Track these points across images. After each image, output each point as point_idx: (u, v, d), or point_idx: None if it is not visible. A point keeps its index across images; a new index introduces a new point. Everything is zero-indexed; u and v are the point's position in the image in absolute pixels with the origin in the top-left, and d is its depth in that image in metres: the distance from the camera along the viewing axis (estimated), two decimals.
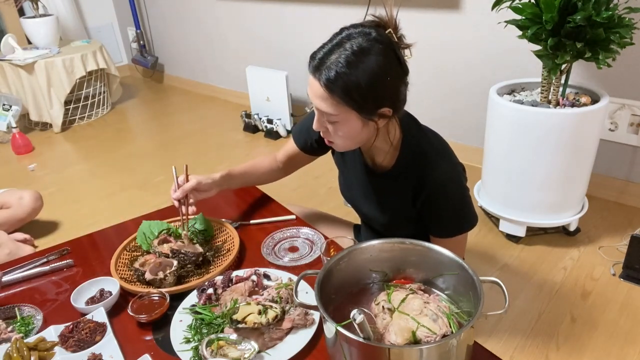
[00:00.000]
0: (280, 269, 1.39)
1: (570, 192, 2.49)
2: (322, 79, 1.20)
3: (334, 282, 1.07)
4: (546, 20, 2.12)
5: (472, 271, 0.99)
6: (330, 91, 1.20)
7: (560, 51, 2.17)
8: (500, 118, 2.44)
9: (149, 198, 3.41)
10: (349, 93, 1.19)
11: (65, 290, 1.39)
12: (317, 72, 1.21)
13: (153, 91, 5.85)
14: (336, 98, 1.21)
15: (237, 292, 1.26)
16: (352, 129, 1.27)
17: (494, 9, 2.28)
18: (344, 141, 1.32)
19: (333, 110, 1.23)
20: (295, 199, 3.15)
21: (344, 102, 1.21)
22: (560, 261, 2.50)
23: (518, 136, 2.38)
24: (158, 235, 1.52)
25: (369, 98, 1.21)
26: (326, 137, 1.35)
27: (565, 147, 2.32)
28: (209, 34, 5.15)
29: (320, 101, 1.23)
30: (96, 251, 1.57)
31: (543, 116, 2.29)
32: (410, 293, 1.06)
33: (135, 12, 5.67)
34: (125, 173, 3.85)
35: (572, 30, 2.11)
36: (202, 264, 1.43)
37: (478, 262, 2.52)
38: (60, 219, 3.21)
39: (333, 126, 1.28)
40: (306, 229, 1.58)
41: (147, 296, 1.27)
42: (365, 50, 1.18)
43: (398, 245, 1.11)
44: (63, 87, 4.57)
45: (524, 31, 2.25)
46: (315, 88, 1.23)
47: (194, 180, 1.52)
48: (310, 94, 1.26)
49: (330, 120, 1.27)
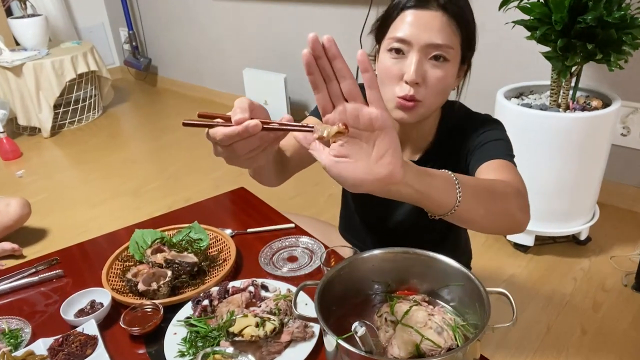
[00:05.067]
0: (278, 280, 1.39)
1: (581, 199, 2.49)
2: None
3: (335, 294, 1.07)
4: (556, 20, 2.13)
5: (478, 282, 0.99)
6: (449, 12, 1.18)
7: (570, 53, 2.18)
8: (508, 122, 2.42)
9: (142, 205, 3.42)
10: (464, 15, 1.19)
11: (55, 302, 1.38)
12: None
13: (146, 94, 5.86)
14: (453, 23, 1.19)
15: (233, 304, 1.26)
16: (451, 75, 1.24)
17: (501, 8, 2.29)
18: (435, 98, 1.26)
19: (450, 40, 1.19)
20: (294, 207, 3.15)
21: (458, 29, 1.20)
22: (570, 271, 2.50)
23: (526, 141, 2.38)
24: (151, 244, 1.52)
25: (473, 31, 1.22)
26: (416, 93, 1.23)
27: (576, 153, 2.33)
28: (204, 34, 5.17)
29: (433, 31, 1.18)
30: (87, 261, 1.57)
31: (552, 120, 2.29)
32: (414, 305, 1.06)
33: (127, 12, 5.69)
34: (117, 179, 3.86)
35: (583, 30, 2.11)
36: (197, 274, 1.43)
37: (485, 272, 2.52)
38: (50, 228, 3.22)
39: (436, 71, 1.21)
40: (305, 238, 1.58)
41: (140, 308, 1.28)
42: None
43: (401, 255, 1.11)
44: (52, 90, 4.59)
45: (533, 32, 2.26)
46: (426, 16, 1.19)
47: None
48: (411, 30, 1.19)
49: (441, 54, 1.20)
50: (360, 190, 0.80)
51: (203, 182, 3.68)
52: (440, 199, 0.90)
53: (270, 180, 1.35)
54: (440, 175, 0.91)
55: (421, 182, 0.85)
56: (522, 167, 2.38)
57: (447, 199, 0.91)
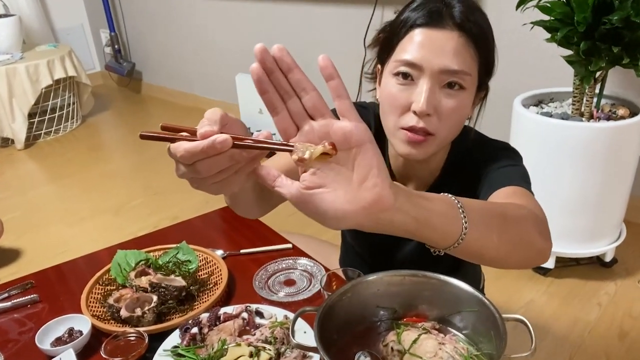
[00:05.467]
0: (274, 305, 1.39)
1: (606, 217, 2.50)
2: (455, 13, 1.13)
3: (336, 321, 1.07)
4: (578, 21, 2.13)
5: (493, 308, 0.99)
6: (466, 33, 1.13)
7: (594, 56, 2.18)
8: (526, 133, 2.46)
9: (125, 224, 3.42)
10: (483, 35, 1.16)
11: (30, 330, 1.39)
12: (442, 9, 1.14)
13: (129, 102, 5.88)
14: (471, 45, 1.14)
15: (225, 332, 1.26)
16: (466, 105, 1.19)
17: (518, 8, 2.30)
18: (448, 131, 1.20)
19: (467, 65, 1.14)
20: (292, 226, 3.14)
21: (476, 53, 1.15)
22: (595, 296, 2.50)
23: (546, 153, 2.39)
24: (135, 266, 1.52)
25: (493, 53, 1.19)
26: (428, 125, 1.16)
27: (600, 166, 2.33)
28: (193, 36, 5.19)
29: (448, 54, 1.12)
30: (65, 285, 1.58)
31: (575, 131, 2.30)
32: (423, 333, 1.06)
33: (109, 11, 5.71)
34: (97, 195, 3.86)
35: (608, 32, 2.12)
36: (185, 299, 1.43)
37: (500, 297, 2.52)
38: (24, 248, 3.22)
39: (449, 101, 1.15)
40: (304, 260, 1.59)
41: (122, 336, 1.28)
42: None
43: (409, 279, 1.11)
44: (27, 97, 4.60)
45: (553, 34, 2.26)
46: (440, 37, 1.13)
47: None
48: (422, 52, 1.13)
49: (457, 81, 1.14)
50: (344, 225, 0.73)
51: (192, 199, 3.68)
52: (443, 227, 0.82)
53: (247, 211, 1.23)
54: (439, 199, 0.84)
55: (416, 207, 0.77)
56: (542, 182, 2.40)
57: (451, 226, 0.83)
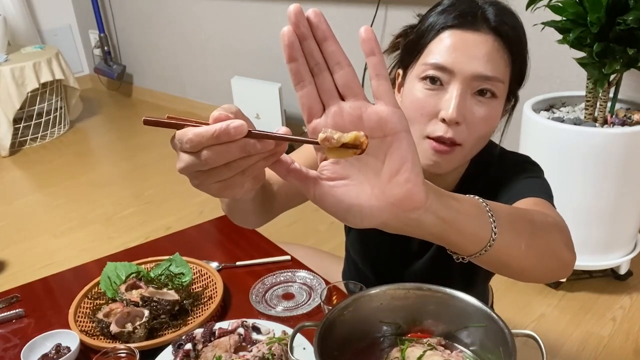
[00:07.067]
0: (272, 320, 1.39)
1: (621, 228, 2.50)
2: (490, 15, 1.12)
3: (337, 336, 1.07)
4: (592, 21, 2.13)
5: (502, 323, 1.00)
6: (502, 37, 1.12)
7: (608, 59, 2.18)
8: (537, 138, 2.46)
9: (115, 235, 3.42)
10: (519, 40, 1.14)
11: (15, 346, 1.39)
12: (477, 11, 1.12)
13: (119, 107, 5.89)
14: (506, 51, 1.13)
15: (220, 348, 1.26)
16: (497, 115, 1.16)
17: (528, 8, 2.30)
18: (477, 141, 1.17)
19: (500, 71, 1.12)
20: (291, 236, 3.15)
21: (510, 59, 1.14)
22: (609, 311, 2.50)
23: (558, 160, 2.39)
24: (126, 279, 1.52)
25: (527, 60, 1.18)
26: (456, 135, 1.13)
27: (615, 174, 2.33)
28: (187, 38, 5.20)
29: (481, 59, 1.10)
30: (51, 299, 1.58)
31: (588, 137, 2.30)
32: (428, 349, 1.06)
33: (98, 12, 5.72)
34: (86, 205, 3.86)
35: (623, 33, 2.12)
36: (178, 314, 1.43)
37: (510, 311, 2.52)
38: (8, 260, 3.22)
39: (480, 109, 1.13)
40: (303, 273, 1.59)
41: (112, 353, 1.27)
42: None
43: (414, 292, 1.11)
44: (12, 102, 4.61)
45: (565, 35, 2.26)
46: (473, 40, 1.10)
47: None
48: (454, 55, 1.10)
49: (489, 88, 1.12)
50: (368, 224, 0.68)
51: (185, 208, 3.68)
52: (473, 230, 0.77)
53: (246, 219, 1.20)
54: (467, 200, 0.79)
55: (446, 208, 0.72)
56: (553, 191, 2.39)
57: (481, 230, 0.78)
